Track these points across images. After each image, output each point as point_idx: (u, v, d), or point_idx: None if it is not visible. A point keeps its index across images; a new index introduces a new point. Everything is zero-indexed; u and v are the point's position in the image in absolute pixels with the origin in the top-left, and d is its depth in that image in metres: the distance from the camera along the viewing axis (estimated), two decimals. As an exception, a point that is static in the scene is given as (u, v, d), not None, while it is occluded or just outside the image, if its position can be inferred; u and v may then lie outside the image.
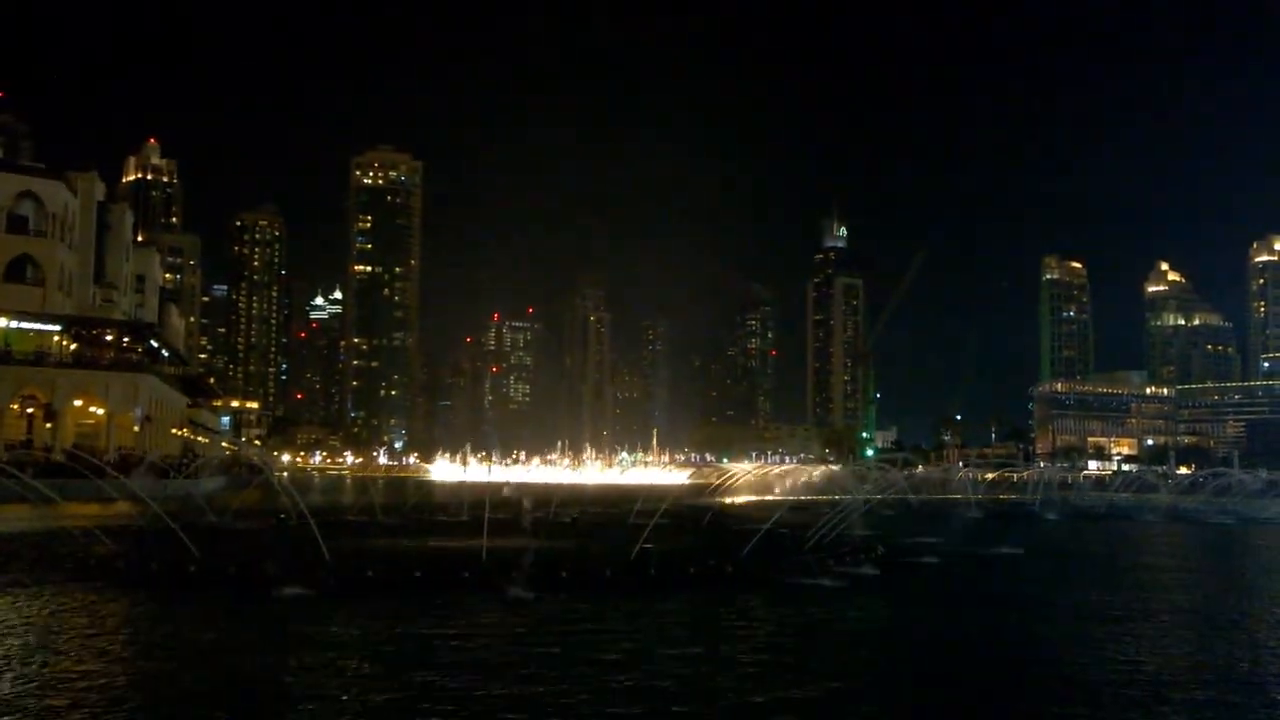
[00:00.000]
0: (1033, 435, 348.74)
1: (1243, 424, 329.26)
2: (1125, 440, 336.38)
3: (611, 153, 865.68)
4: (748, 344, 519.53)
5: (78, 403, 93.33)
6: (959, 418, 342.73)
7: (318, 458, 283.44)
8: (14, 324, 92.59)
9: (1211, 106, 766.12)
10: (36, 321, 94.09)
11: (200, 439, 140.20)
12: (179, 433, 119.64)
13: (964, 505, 70.74)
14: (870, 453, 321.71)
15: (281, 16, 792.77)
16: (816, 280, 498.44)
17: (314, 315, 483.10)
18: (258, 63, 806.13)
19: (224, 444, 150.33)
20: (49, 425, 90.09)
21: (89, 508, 50.48)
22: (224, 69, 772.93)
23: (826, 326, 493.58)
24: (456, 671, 16.15)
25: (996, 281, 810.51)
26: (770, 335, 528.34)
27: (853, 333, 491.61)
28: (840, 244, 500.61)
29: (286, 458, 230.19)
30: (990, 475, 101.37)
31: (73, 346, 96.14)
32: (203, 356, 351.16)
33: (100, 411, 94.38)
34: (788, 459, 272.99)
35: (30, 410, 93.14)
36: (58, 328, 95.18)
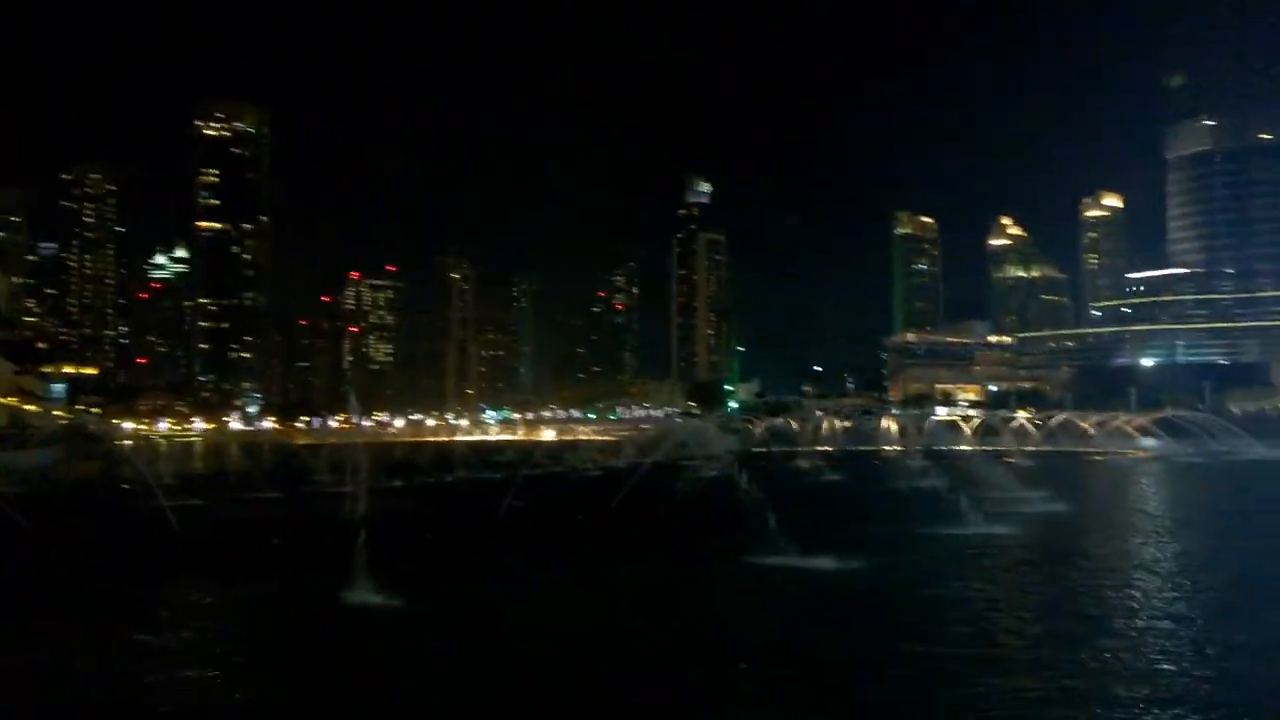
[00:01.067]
0: (887, 384, 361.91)
1: (1074, 369, 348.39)
2: (971, 386, 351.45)
3: (473, 104, 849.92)
4: (614, 300, 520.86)
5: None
6: (818, 369, 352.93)
7: (164, 425, 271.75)
8: None
9: (1048, 69, 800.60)
10: None
11: (30, 408, 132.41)
12: (4, 401, 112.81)
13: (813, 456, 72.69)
14: (734, 405, 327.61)
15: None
16: (680, 236, 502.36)
17: (156, 275, 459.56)
18: (92, 6, 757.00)
19: (56, 413, 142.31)
20: None
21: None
22: (58, 13, 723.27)
23: (690, 282, 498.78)
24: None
25: (853, 236, 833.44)
26: (636, 291, 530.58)
27: (716, 287, 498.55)
28: (703, 200, 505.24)
29: (129, 426, 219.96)
30: (847, 424, 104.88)
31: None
32: (31, 320, 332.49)
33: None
34: (654, 413, 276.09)
35: None
36: None
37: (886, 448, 77.82)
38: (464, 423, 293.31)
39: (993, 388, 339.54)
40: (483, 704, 12.79)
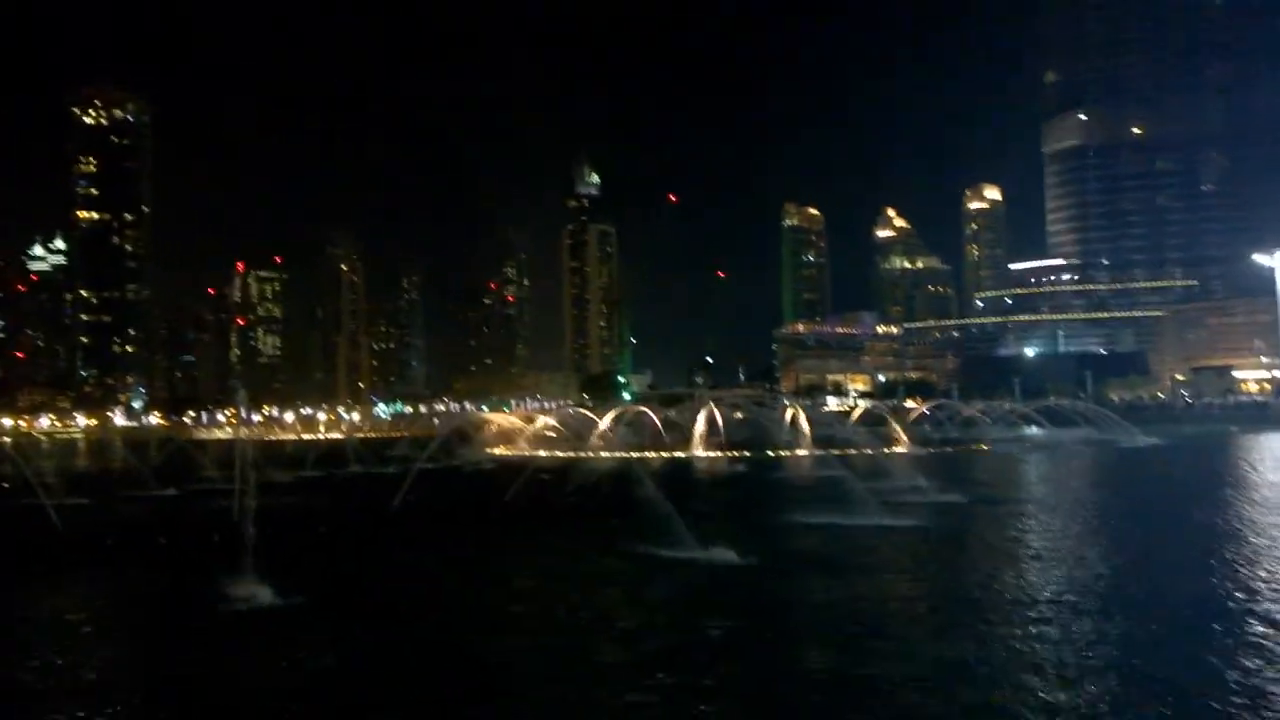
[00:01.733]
0: (778, 375, 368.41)
1: (959, 358, 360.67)
2: (860, 376, 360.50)
3: (361, 92, 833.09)
4: (505, 291, 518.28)
5: None
6: (709, 360, 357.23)
7: (45, 422, 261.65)
8: None
9: (932, 65, 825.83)
10: None
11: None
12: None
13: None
14: (628, 396, 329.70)
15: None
16: (571, 227, 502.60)
17: (33, 266, 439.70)
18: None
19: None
20: None
21: None
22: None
23: (582, 273, 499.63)
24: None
25: (742, 228, 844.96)
26: (527, 283, 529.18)
27: (607, 279, 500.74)
28: (593, 191, 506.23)
29: (8, 422, 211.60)
30: (739, 415, 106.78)
31: None
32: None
33: None
34: (548, 404, 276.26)
35: None
36: None
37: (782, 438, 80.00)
38: (355, 417, 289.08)
39: (881, 378, 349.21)
40: (351, 702, 12.87)
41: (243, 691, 13.33)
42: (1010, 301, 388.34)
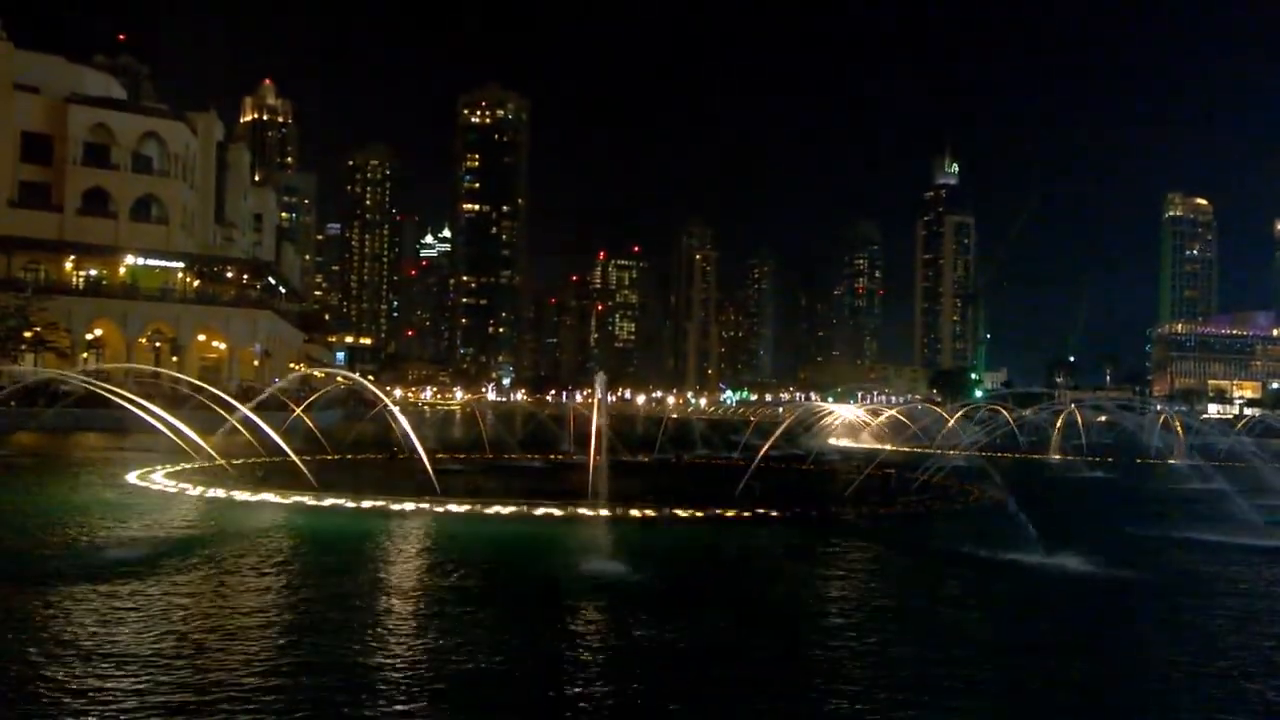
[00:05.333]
0: (1149, 378, 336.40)
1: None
2: (1249, 383, 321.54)
3: (718, 90, 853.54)
4: (855, 283, 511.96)
5: (201, 337, 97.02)
6: (1071, 359, 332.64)
7: (428, 393, 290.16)
8: (141, 261, 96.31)
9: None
10: (161, 259, 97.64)
11: (316, 373, 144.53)
12: (295, 367, 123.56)
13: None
14: (980, 394, 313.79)
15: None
16: (926, 218, 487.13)
17: (424, 253, 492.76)
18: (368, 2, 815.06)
19: (338, 378, 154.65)
20: (175, 359, 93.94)
21: (209, 439, 52.52)
22: (336, 6, 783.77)
23: (936, 266, 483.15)
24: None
25: (1115, 219, 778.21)
26: (878, 274, 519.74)
27: (963, 272, 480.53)
28: (951, 181, 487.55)
29: (398, 393, 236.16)
30: (1103, 418, 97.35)
31: (195, 283, 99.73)
32: (318, 293, 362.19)
33: (222, 346, 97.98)
34: (895, 399, 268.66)
35: (158, 344, 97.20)
36: (181, 265, 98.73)
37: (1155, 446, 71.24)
38: (703, 402, 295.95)
39: (1275, 385, 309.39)
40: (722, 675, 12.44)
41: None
42: None
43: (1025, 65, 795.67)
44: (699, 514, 25.34)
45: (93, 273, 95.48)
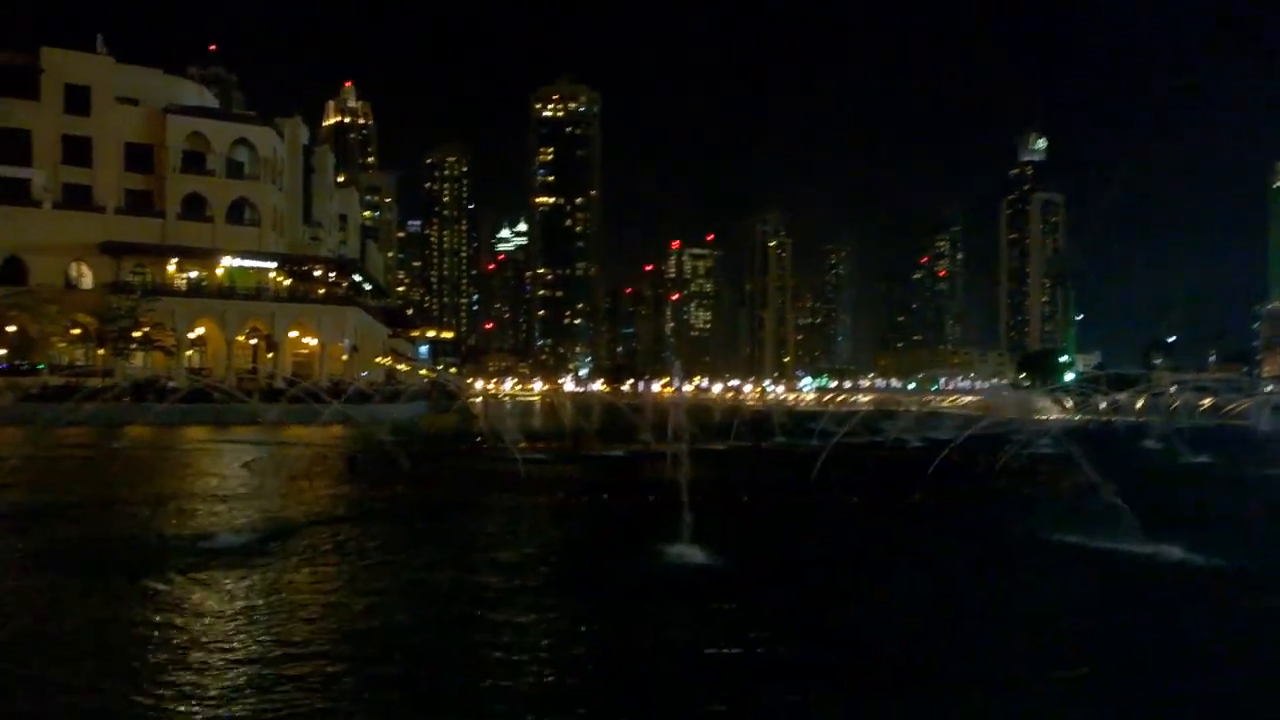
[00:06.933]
0: (1258, 357, 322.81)
1: None
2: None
3: (791, 73, 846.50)
4: (935, 266, 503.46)
5: (293, 334, 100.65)
6: (1170, 340, 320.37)
7: (509, 384, 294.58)
8: (236, 262, 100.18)
9: None
10: (255, 259, 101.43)
11: (401, 367, 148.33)
12: (382, 361, 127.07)
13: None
14: (1070, 377, 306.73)
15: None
16: (1011, 197, 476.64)
17: (501, 247, 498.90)
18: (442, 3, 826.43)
19: (422, 371, 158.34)
20: (270, 355, 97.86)
21: (306, 431, 55.00)
22: (410, 8, 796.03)
23: (1022, 245, 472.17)
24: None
25: (1215, 192, 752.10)
26: (959, 257, 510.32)
27: (1052, 252, 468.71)
28: (1038, 157, 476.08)
29: (479, 384, 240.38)
30: (1207, 401, 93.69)
31: (286, 282, 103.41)
32: (400, 289, 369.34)
33: (313, 342, 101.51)
34: (979, 384, 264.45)
35: (254, 341, 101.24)
36: (273, 265, 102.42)
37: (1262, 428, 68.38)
38: (780, 390, 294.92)
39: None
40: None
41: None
42: None
43: (1115, 32, 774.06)
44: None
45: (193, 274, 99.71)
